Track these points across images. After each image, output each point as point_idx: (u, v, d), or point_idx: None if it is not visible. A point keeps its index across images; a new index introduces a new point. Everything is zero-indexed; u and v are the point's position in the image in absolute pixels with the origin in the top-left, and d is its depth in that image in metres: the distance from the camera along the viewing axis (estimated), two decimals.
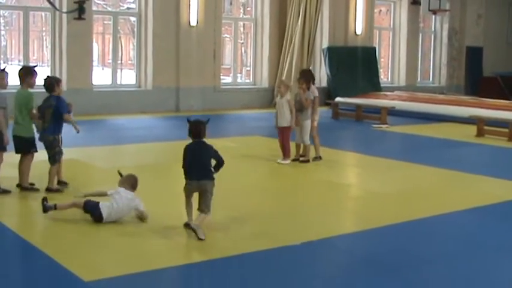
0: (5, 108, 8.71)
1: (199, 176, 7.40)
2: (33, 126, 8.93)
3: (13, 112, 8.92)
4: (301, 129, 11.47)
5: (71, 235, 7.10)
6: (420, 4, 24.61)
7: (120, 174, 8.11)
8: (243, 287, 5.71)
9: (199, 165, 7.51)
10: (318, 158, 11.68)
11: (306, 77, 11.74)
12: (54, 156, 8.80)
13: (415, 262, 6.38)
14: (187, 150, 7.67)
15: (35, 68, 9.22)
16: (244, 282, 5.80)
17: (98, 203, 7.47)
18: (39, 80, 9.05)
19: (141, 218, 7.63)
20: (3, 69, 9.23)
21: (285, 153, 11.41)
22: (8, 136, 8.71)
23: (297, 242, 6.84)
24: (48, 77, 9.04)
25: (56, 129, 8.81)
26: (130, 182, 7.95)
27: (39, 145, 8.97)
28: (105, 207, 7.43)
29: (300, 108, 11.48)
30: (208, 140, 14.11)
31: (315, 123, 11.75)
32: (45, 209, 7.54)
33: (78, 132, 9.05)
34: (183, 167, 7.51)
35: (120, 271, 5.84)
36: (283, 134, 11.44)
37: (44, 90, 8.96)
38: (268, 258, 6.39)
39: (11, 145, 8.83)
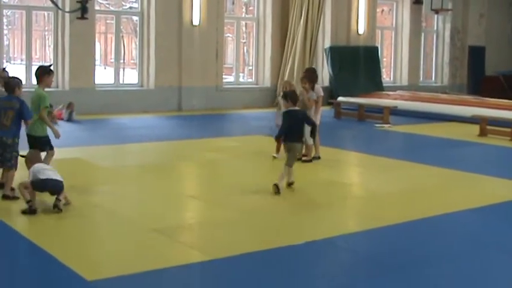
0: None
1: (291, 139, 9.28)
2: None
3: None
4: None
5: (74, 234, 7.11)
6: (422, 3, 24.59)
7: (22, 156, 8.41)
8: (245, 287, 5.71)
9: (294, 130, 9.27)
10: (316, 157, 11.68)
11: (310, 76, 11.72)
12: (11, 160, 8.44)
13: (418, 262, 6.37)
14: (287, 116, 9.35)
15: (51, 67, 9.26)
16: (246, 282, 5.79)
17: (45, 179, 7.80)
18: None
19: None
20: (4, 69, 9.28)
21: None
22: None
23: (300, 241, 6.84)
24: (9, 77, 8.81)
25: (16, 132, 8.50)
26: (37, 159, 8.23)
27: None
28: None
29: (302, 107, 11.48)
30: (210, 140, 14.25)
31: (317, 123, 11.74)
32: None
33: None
34: (282, 129, 9.33)
35: (123, 270, 5.84)
36: None
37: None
38: (271, 257, 6.39)
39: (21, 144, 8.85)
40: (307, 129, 11.39)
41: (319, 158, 11.69)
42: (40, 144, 8.86)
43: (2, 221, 7.35)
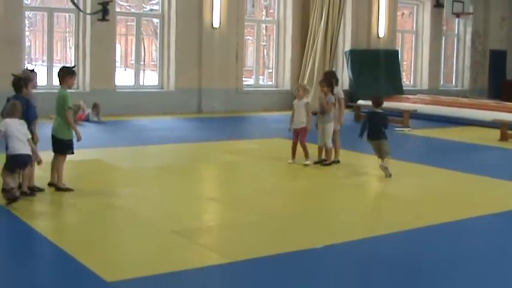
0: (36, 108, 8.78)
1: (375, 136, 10.64)
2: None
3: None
4: (323, 132, 11.44)
5: (94, 235, 7.13)
6: (443, 7, 24.52)
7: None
8: None
9: (376, 128, 10.62)
10: (336, 161, 11.64)
11: (327, 80, 11.68)
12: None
13: (438, 267, 6.33)
14: (370, 116, 10.88)
15: (74, 69, 9.30)
16: (265, 285, 5.78)
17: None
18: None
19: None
20: (33, 70, 9.33)
21: (306, 154, 11.42)
22: (38, 135, 8.75)
23: (319, 245, 6.82)
24: (15, 76, 8.72)
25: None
26: (11, 111, 8.17)
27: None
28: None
29: (321, 111, 11.46)
30: (230, 142, 14.27)
31: (338, 127, 11.71)
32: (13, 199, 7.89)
33: (35, 142, 8.73)
34: (363, 128, 10.71)
35: (143, 272, 5.85)
36: (299, 136, 11.47)
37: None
38: (290, 261, 6.38)
39: (43, 144, 8.89)
40: (329, 131, 11.40)
41: (338, 161, 11.66)
42: (64, 147, 8.88)
43: (23, 221, 7.40)
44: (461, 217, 8.24)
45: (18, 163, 8.05)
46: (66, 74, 8.99)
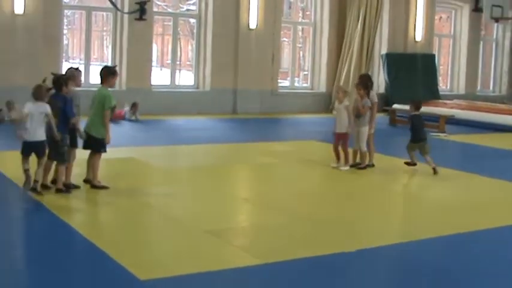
0: (79, 106, 8.88)
1: (418, 139, 11.29)
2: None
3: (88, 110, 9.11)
4: (358, 135, 11.37)
5: (128, 233, 7.18)
6: (482, 11, 24.25)
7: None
8: None
9: (419, 131, 11.31)
10: (370, 165, 11.56)
11: (364, 83, 11.59)
12: (63, 155, 8.59)
13: (472, 274, 6.27)
14: (413, 119, 11.48)
15: (116, 68, 9.40)
16: (297, 287, 5.77)
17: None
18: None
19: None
20: (77, 68, 9.44)
21: (346, 159, 11.33)
22: (83, 133, 8.87)
23: (352, 249, 6.79)
24: (55, 75, 8.79)
25: (64, 128, 8.60)
26: (35, 93, 8.37)
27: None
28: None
29: (356, 114, 11.39)
30: (264, 144, 14.25)
31: (372, 131, 11.61)
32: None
33: (82, 138, 8.96)
34: (412, 129, 11.39)
35: (176, 271, 5.88)
36: (341, 140, 11.35)
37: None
38: (322, 264, 6.34)
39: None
40: (363, 134, 11.33)
41: (373, 165, 11.58)
42: (98, 145, 8.95)
43: (59, 218, 7.47)
44: (497, 225, 8.13)
45: (26, 149, 8.31)
46: (109, 73, 9.10)
